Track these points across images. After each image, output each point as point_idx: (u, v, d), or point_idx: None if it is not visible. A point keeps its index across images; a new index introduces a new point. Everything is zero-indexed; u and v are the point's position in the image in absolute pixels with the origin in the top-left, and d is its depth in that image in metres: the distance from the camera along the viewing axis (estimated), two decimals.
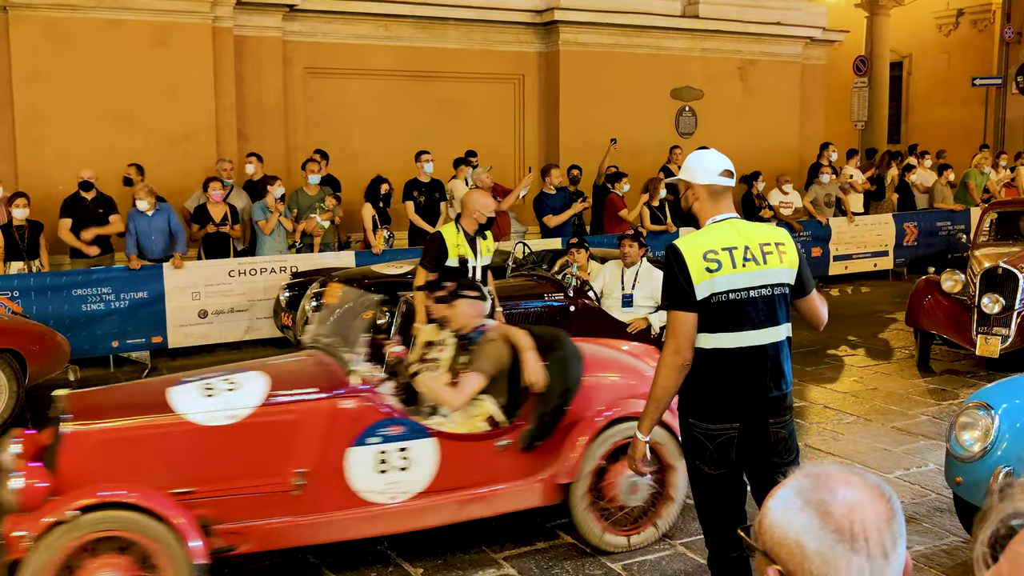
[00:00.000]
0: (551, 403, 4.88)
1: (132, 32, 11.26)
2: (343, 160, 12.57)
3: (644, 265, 8.09)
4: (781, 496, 1.33)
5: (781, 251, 3.49)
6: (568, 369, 4.96)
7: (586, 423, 4.95)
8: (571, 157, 13.19)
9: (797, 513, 1.29)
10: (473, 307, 5.11)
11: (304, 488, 4.43)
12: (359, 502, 4.56)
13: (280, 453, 4.45)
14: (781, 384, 3.49)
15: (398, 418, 4.65)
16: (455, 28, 13.72)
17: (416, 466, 4.65)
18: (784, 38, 16.06)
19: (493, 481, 4.84)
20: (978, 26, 22.07)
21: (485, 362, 4.93)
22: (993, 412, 4.68)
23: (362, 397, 4.59)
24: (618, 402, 5.04)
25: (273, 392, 4.57)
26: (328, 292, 5.39)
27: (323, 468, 4.49)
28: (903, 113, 23.55)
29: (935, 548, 5.07)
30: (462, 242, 6.51)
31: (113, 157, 10.73)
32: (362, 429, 4.55)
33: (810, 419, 7.41)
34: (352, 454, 4.53)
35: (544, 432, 4.88)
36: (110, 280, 9.34)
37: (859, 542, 1.26)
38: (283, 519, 4.42)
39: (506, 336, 5.08)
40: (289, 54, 12.75)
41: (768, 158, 14.67)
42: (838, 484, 1.31)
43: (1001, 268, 8.34)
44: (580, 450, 4.88)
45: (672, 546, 5.12)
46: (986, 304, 8.24)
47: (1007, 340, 8.20)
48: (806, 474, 1.35)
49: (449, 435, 4.77)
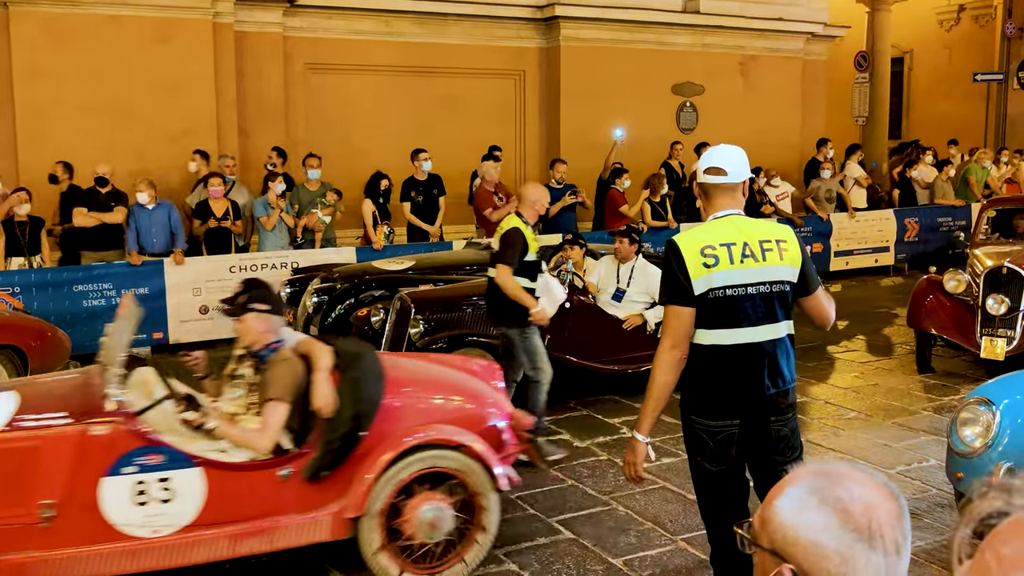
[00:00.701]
0: (340, 429, 4.41)
1: (132, 28, 11.27)
2: (344, 156, 12.59)
3: (639, 261, 8.12)
4: (792, 496, 1.33)
5: (782, 248, 3.47)
6: (362, 391, 4.51)
7: (380, 451, 4.47)
8: (572, 153, 13.19)
9: (814, 512, 1.30)
10: (263, 322, 4.54)
11: (53, 521, 4.05)
12: (117, 536, 4.16)
13: (23, 483, 4.07)
14: (779, 381, 3.47)
15: (157, 446, 4.21)
16: (456, 24, 13.71)
17: (181, 497, 4.23)
18: (785, 34, 16.05)
19: (274, 513, 4.40)
20: (979, 21, 22.05)
21: (279, 387, 4.41)
22: (994, 408, 4.68)
23: (116, 423, 4.16)
24: (421, 427, 4.59)
25: (18, 416, 4.19)
26: (122, 303, 5.00)
27: (74, 500, 4.11)
28: (904, 109, 23.53)
29: (936, 544, 5.07)
30: (531, 235, 6.30)
31: (114, 153, 10.73)
32: (116, 458, 4.14)
33: (811, 415, 7.41)
34: (106, 484, 4.13)
35: (332, 461, 4.41)
36: (111, 276, 9.35)
37: (876, 540, 1.27)
38: (31, 553, 4.04)
39: (303, 353, 4.61)
40: (290, 50, 12.75)
41: (769, 154, 14.65)
42: (851, 482, 1.32)
43: (1006, 268, 8.09)
44: (367, 483, 4.43)
45: (673, 541, 5.12)
46: (991, 305, 8.01)
47: (1013, 342, 7.96)
48: (816, 472, 1.35)
49: (218, 464, 4.32)
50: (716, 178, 3.52)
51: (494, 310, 6.41)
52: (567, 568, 4.84)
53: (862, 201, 14.50)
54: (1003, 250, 8.67)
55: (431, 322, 7.24)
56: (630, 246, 8.09)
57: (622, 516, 5.47)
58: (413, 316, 7.22)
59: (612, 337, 7.88)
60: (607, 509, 5.57)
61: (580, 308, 7.75)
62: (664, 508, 5.57)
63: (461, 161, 12.75)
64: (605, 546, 5.08)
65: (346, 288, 8.80)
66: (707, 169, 3.54)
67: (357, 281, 8.92)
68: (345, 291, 8.73)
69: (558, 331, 7.36)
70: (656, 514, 5.48)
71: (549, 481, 6.05)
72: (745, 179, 3.56)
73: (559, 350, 7.33)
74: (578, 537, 5.18)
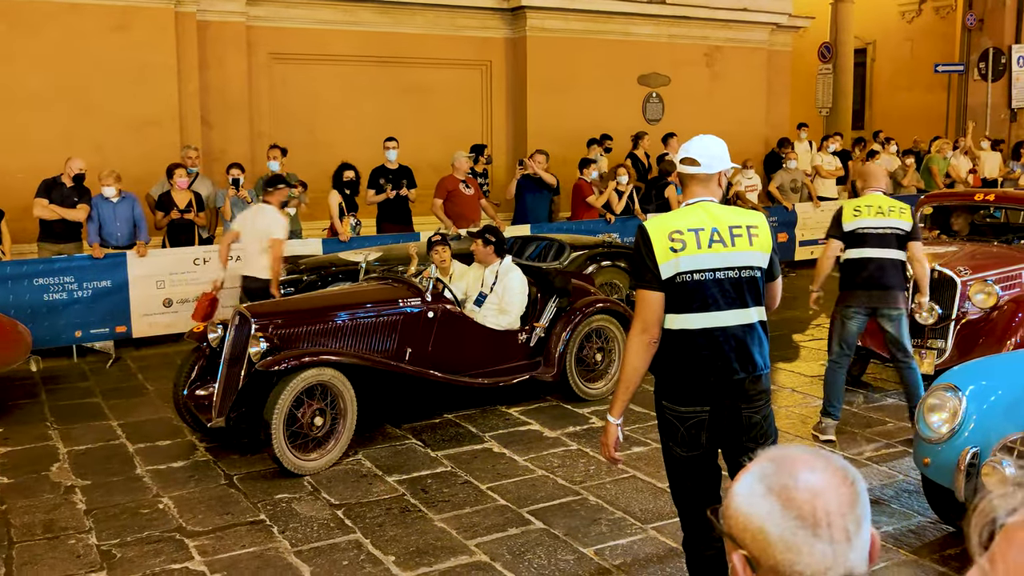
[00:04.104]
0: None
1: (92, 16, 11.06)
2: (309, 146, 12.46)
3: (504, 264, 7.47)
4: (745, 482, 1.34)
5: (752, 234, 3.49)
6: None
7: None
8: (539, 143, 13.15)
9: (760, 500, 1.30)
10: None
11: None
12: None
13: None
14: (748, 367, 3.48)
15: None
16: (420, 13, 13.62)
17: None
18: (750, 24, 16.13)
19: None
20: (940, 13, 22.28)
21: None
22: (960, 393, 4.72)
23: None
24: None
25: None
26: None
27: None
28: (867, 99, 23.75)
29: (903, 528, 5.12)
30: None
31: (73, 143, 10.53)
32: None
33: (778, 403, 7.45)
34: None
35: None
36: (73, 269, 9.18)
37: (821, 528, 1.27)
38: None
39: None
40: (253, 39, 12.59)
41: (735, 143, 14.33)
42: (801, 468, 1.31)
43: (937, 272, 7.20)
44: None
45: (644, 530, 5.12)
46: (921, 315, 7.10)
47: (943, 354, 7.13)
48: (770, 458, 1.36)
49: None
50: (690, 168, 3.58)
51: None
52: (538, 558, 4.83)
53: (832, 191, 14.60)
54: (935, 251, 7.71)
55: (274, 339, 6.32)
56: (485, 247, 7.44)
57: (593, 505, 5.46)
58: (253, 333, 6.31)
59: (481, 348, 7.20)
60: (578, 499, 5.56)
61: (445, 317, 7.04)
62: (635, 497, 5.57)
63: (428, 151, 12.68)
64: (576, 536, 5.07)
65: (312, 280, 8.73)
66: (683, 159, 3.60)
67: (324, 272, 8.86)
68: (311, 283, 8.67)
69: (420, 344, 6.87)
70: (627, 503, 5.48)
71: (520, 471, 6.03)
72: (721, 170, 3.58)
73: (421, 364, 6.80)
74: (549, 527, 5.17)
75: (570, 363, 7.44)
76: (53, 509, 5.53)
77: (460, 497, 5.63)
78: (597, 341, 7.67)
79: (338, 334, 6.62)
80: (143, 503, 5.61)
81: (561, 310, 7.57)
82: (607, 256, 9.93)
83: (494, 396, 7.46)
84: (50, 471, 6.16)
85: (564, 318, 7.53)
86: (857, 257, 6.37)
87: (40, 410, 7.56)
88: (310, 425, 6.05)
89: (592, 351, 7.63)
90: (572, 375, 7.46)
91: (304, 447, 6.06)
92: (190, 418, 6.72)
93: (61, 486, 5.90)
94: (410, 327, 6.88)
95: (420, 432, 6.84)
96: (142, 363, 9.08)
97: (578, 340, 7.50)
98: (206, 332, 6.77)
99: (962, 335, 7.23)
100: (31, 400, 7.85)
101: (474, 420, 7.11)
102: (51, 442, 6.76)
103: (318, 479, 5.93)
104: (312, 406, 6.06)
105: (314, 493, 5.73)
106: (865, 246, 6.33)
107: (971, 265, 7.48)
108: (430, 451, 6.45)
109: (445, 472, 6.05)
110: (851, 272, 6.42)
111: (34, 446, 6.68)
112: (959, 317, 7.25)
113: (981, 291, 7.23)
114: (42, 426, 7.13)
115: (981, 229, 9.30)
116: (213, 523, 5.30)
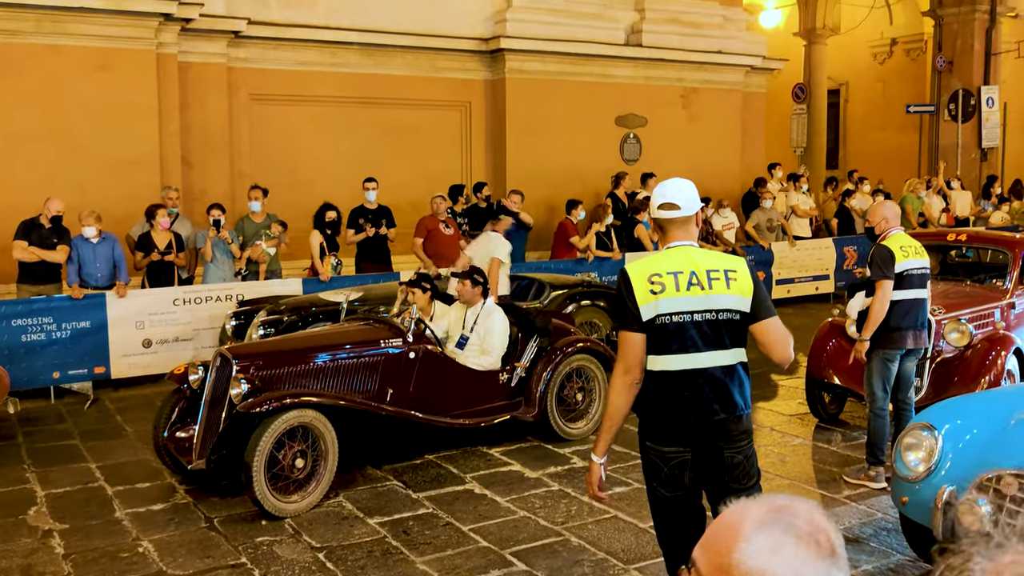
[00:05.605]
0: None
1: (74, 58, 11.10)
2: (289, 187, 12.51)
3: (487, 306, 7.54)
4: (760, 540, 1.33)
5: (730, 278, 3.56)
6: None
7: None
8: (518, 183, 13.26)
9: (792, 549, 1.32)
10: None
11: None
12: None
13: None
14: (728, 408, 3.54)
15: None
16: (401, 55, 13.76)
17: None
18: (725, 66, 16.38)
19: None
20: (911, 55, 22.74)
21: None
22: (937, 432, 4.78)
23: None
24: None
25: None
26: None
27: None
28: (841, 139, 24.12)
29: (882, 567, 5.16)
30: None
31: (55, 183, 10.53)
32: None
33: (757, 442, 7.40)
34: None
35: None
36: (51, 309, 9.13)
37: (840, 559, 1.32)
38: None
39: None
40: (234, 80, 12.66)
41: (711, 183, 14.87)
42: (801, 509, 1.36)
43: None
44: None
45: (627, 571, 5.13)
46: None
47: (920, 392, 7.08)
48: (773, 510, 1.37)
49: None
50: (670, 213, 3.64)
51: None
52: None
53: (806, 230, 14.79)
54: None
55: (256, 380, 6.27)
56: (472, 288, 7.46)
57: (575, 547, 5.47)
58: (234, 374, 6.25)
59: (462, 388, 7.19)
60: (560, 540, 5.57)
61: (426, 358, 6.99)
62: (617, 538, 5.59)
63: (408, 191, 12.76)
64: None
65: (293, 320, 8.73)
66: (661, 205, 3.66)
67: (304, 313, 8.87)
68: (292, 323, 8.67)
69: (401, 384, 6.83)
70: (609, 544, 5.50)
71: (502, 513, 6.03)
72: (697, 210, 3.68)
73: (402, 405, 6.78)
74: (531, 568, 5.17)
75: (551, 403, 7.47)
76: (31, 554, 5.48)
77: (442, 539, 5.62)
78: (578, 381, 7.70)
79: (319, 375, 6.60)
80: (122, 547, 5.57)
81: (542, 350, 7.60)
82: (586, 295, 10.01)
83: (475, 436, 7.47)
84: (27, 515, 6.10)
85: (545, 358, 7.56)
86: (905, 298, 6.27)
87: (17, 452, 7.50)
88: (291, 467, 6.04)
89: (573, 391, 7.66)
90: (553, 415, 7.48)
91: (285, 489, 6.04)
92: (170, 460, 6.68)
93: (39, 530, 5.84)
94: (391, 368, 6.86)
95: (401, 473, 6.84)
96: (121, 404, 9.03)
97: (559, 380, 7.53)
98: (187, 373, 6.75)
99: (937, 373, 7.29)
100: (8, 442, 7.78)
101: (455, 461, 7.10)
102: (28, 485, 6.70)
103: (299, 521, 5.91)
104: (293, 448, 6.05)
105: (295, 536, 5.71)
106: (911, 287, 6.27)
107: (944, 304, 7.56)
108: (411, 492, 6.44)
109: (427, 513, 6.05)
110: (898, 313, 6.27)
111: (11, 489, 6.61)
112: (934, 356, 7.29)
113: (955, 330, 7.33)
114: (19, 468, 7.07)
115: (954, 268, 9.44)
116: (194, 566, 5.27)
